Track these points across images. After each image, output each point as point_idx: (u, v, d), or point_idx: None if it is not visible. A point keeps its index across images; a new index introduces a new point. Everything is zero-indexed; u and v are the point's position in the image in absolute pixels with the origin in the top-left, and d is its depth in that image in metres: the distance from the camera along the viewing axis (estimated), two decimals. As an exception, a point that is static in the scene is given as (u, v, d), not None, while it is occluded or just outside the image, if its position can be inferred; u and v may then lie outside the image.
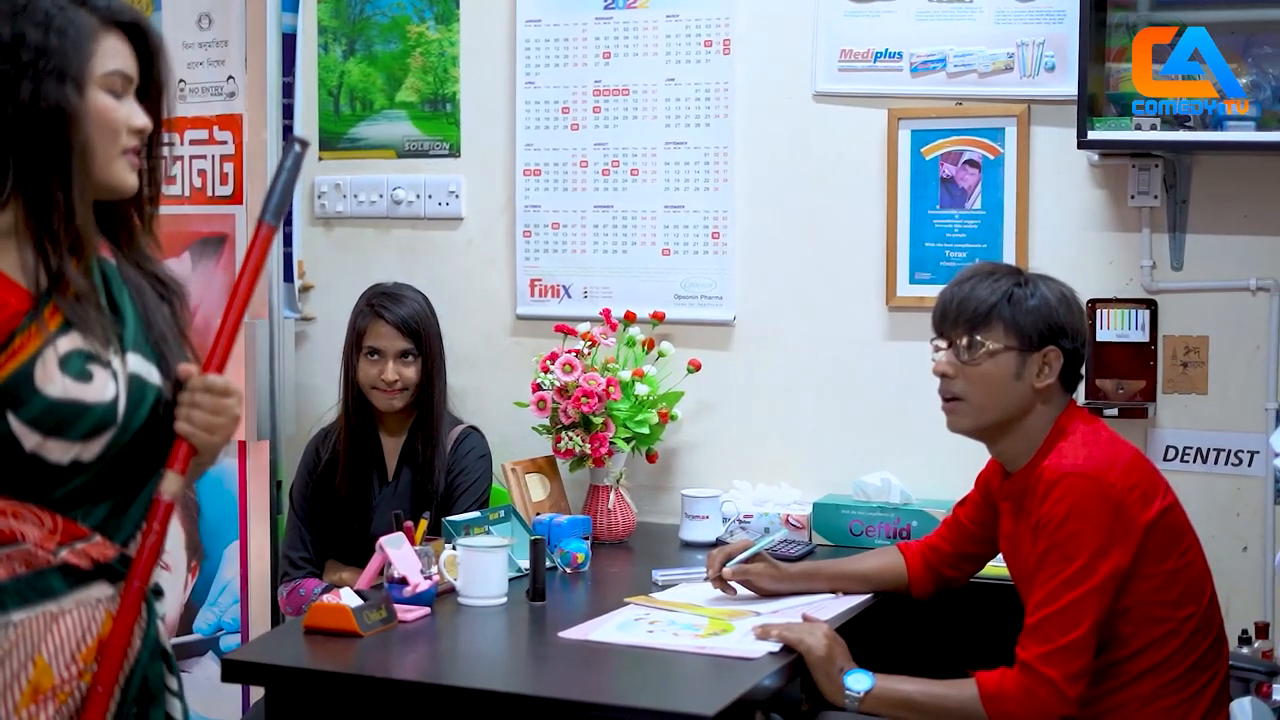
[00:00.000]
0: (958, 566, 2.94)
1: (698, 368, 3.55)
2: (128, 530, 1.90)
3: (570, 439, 3.40)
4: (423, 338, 3.42)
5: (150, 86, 1.94)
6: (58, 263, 1.84)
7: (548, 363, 3.44)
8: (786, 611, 2.80)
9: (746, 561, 2.89)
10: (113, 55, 1.88)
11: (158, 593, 1.99)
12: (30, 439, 1.79)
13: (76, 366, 1.81)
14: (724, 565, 2.88)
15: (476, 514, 3.14)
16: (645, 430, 3.46)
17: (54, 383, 1.79)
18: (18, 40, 1.82)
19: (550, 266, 3.78)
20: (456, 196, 3.86)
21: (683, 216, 3.66)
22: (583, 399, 3.36)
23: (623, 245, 3.72)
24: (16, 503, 1.82)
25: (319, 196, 3.98)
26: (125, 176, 1.91)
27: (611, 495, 3.46)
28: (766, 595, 2.89)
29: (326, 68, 3.95)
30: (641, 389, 3.47)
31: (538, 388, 3.45)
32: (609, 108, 3.71)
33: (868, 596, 2.94)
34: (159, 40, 1.95)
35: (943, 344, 2.69)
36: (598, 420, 3.40)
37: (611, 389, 3.39)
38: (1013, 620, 2.75)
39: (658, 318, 3.62)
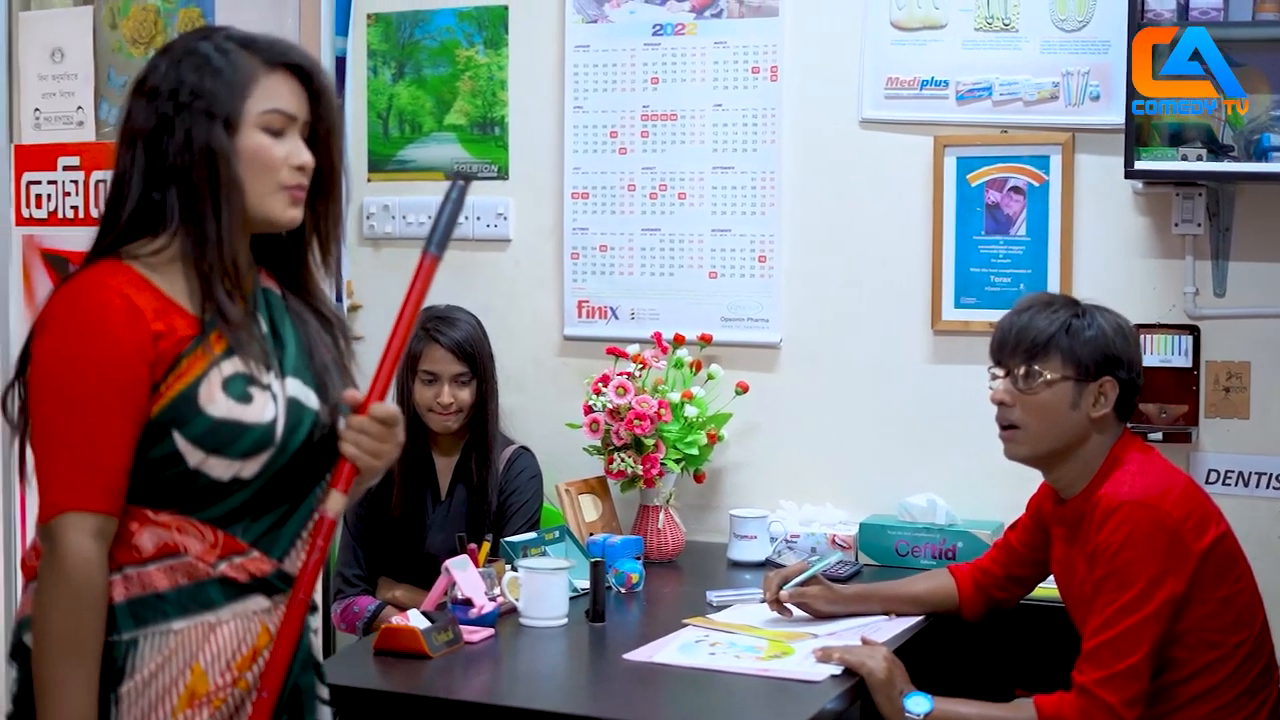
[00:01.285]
0: (1008, 589, 2.99)
1: (746, 390, 3.60)
2: (283, 546, 2.00)
3: (622, 460, 3.45)
4: (477, 361, 3.46)
5: (318, 126, 2.02)
6: (216, 290, 1.94)
7: (600, 385, 3.50)
8: (843, 633, 2.86)
9: (803, 584, 2.95)
10: (273, 95, 1.97)
11: (312, 607, 2.08)
12: (194, 456, 1.90)
13: (238, 389, 1.92)
14: (781, 588, 2.93)
15: (533, 535, 3.19)
16: (694, 451, 3.52)
17: (216, 403, 1.90)
18: (179, 83, 1.95)
19: (598, 288, 3.84)
20: (505, 219, 3.91)
21: (729, 240, 3.72)
22: (635, 421, 3.42)
23: (670, 268, 3.77)
24: (180, 517, 1.93)
25: (367, 217, 4.04)
26: (282, 211, 1.99)
27: (661, 515, 3.52)
28: (822, 617, 2.95)
29: (376, 91, 4.01)
30: (690, 411, 3.52)
31: (590, 409, 3.50)
32: (657, 132, 3.76)
33: (921, 618, 2.99)
34: (326, 81, 2.04)
35: (1000, 373, 2.74)
36: (649, 442, 3.45)
37: (663, 411, 3.44)
38: (1060, 641, 2.82)
39: (705, 340, 3.67)
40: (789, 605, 2.95)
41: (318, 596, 2.12)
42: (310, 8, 3.66)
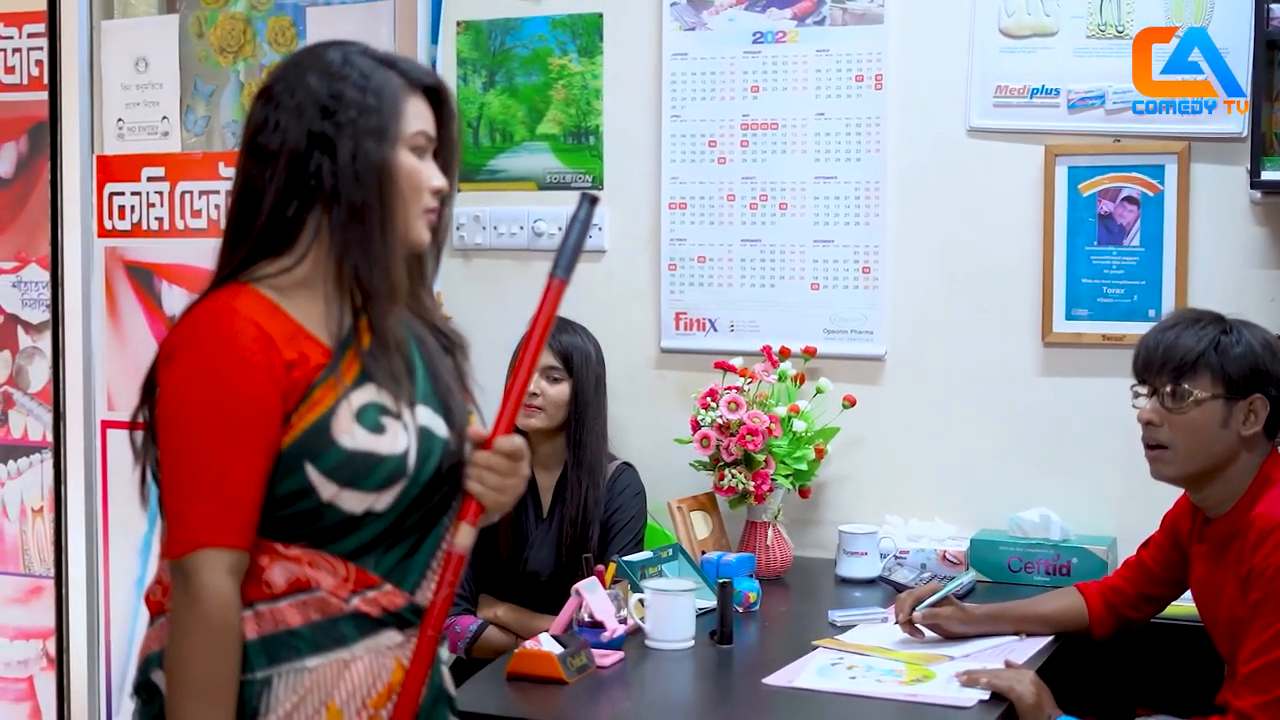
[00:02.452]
0: (1139, 608, 2.94)
1: (853, 403, 3.55)
2: (415, 578, 1.94)
3: (733, 476, 3.40)
4: (573, 361, 3.41)
5: (444, 149, 1.99)
6: (372, 314, 1.89)
7: (708, 399, 3.44)
8: (978, 654, 2.81)
9: (935, 605, 2.89)
10: (417, 117, 1.94)
11: (441, 639, 2.01)
12: (327, 489, 1.85)
13: (371, 419, 1.87)
14: (914, 609, 2.88)
15: (649, 554, 3.14)
16: (803, 466, 3.46)
17: (349, 434, 1.85)
18: (336, 99, 1.89)
19: (696, 300, 3.78)
20: (599, 229, 3.85)
21: (832, 251, 3.66)
22: (748, 437, 3.36)
23: (770, 279, 3.72)
24: (313, 551, 1.88)
25: (458, 228, 3.98)
26: (424, 234, 1.97)
27: (770, 531, 3.46)
28: (953, 638, 2.90)
29: (466, 99, 3.95)
30: (799, 425, 3.47)
31: (698, 425, 3.44)
32: (757, 141, 3.71)
33: (1052, 639, 2.94)
34: (455, 103, 2.02)
35: (1144, 390, 2.68)
36: (760, 457, 3.40)
37: (774, 426, 3.39)
38: (1182, 660, 2.76)
39: (809, 353, 3.61)
40: (920, 626, 2.90)
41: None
42: (405, 15, 3.64)
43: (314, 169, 1.88)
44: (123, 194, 3.97)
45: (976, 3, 3.51)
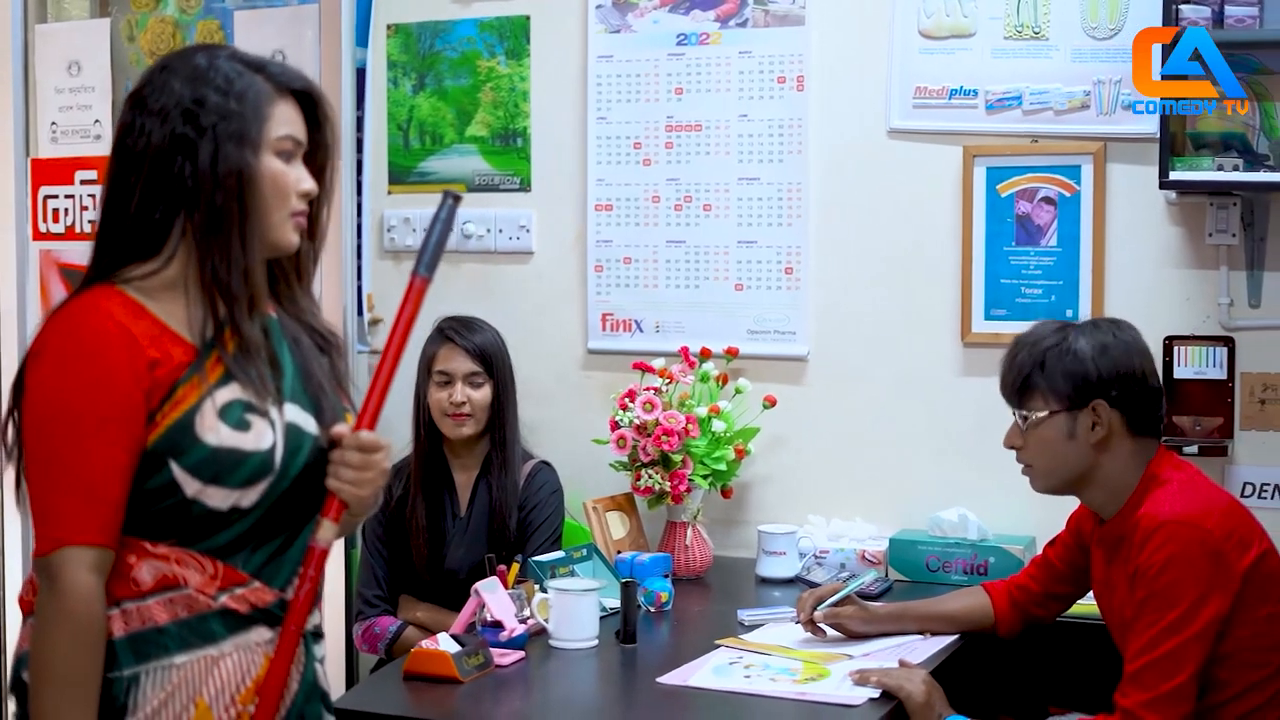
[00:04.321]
0: (1046, 605, 2.95)
1: (774, 403, 3.56)
2: (285, 575, 1.96)
3: (650, 476, 3.41)
4: (493, 364, 3.42)
5: (317, 151, 2.00)
6: (230, 316, 1.91)
7: (626, 400, 3.46)
8: (878, 654, 2.82)
9: (837, 604, 2.90)
10: (285, 121, 1.96)
11: (317, 635, 2.05)
12: (191, 486, 1.87)
13: (235, 416, 1.89)
14: (815, 608, 2.89)
15: (561, 554, 3.15)
16: (722, 467, 3.48)
17: (214, 431, 1.87)
18: (199, 104, 1.90)
19: (622, 301, 3.80)
20: (527, 231, 3.87)
21: (756, 252, 3.68)
22: (663, 437, 3.38)
23: (695, 280, 3.73)
24: (179, 549, 1.89)
25: (388, 230, 4.00)
26: (291, 237, 1.98)
27: (689, 531, 3.48)
28: (856, 637, 2.91)
29: (396, 102, 3.97)
30: (718, 425, 3.48)
31: (616, 425, 3.46)
32: (681, 143, 3.72)
33: (955, 638, 2.95)
34: (329, 107, 2.03)
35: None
36: (677, 458, 3.41)
37: (690, 427, 3.40)
38: (1092, 658, 2.78)
39: (731, 353, 3.63)
40: (823, 625, 2.91)
41: (326, 624, 2.10)
42: (330, 19, 3.63)
43: (177, 172, 1.89)
44: (57, 197, 3.98)
45: (896, 4, 3.52)
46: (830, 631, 2.92)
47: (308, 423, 1.97)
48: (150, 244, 1.92)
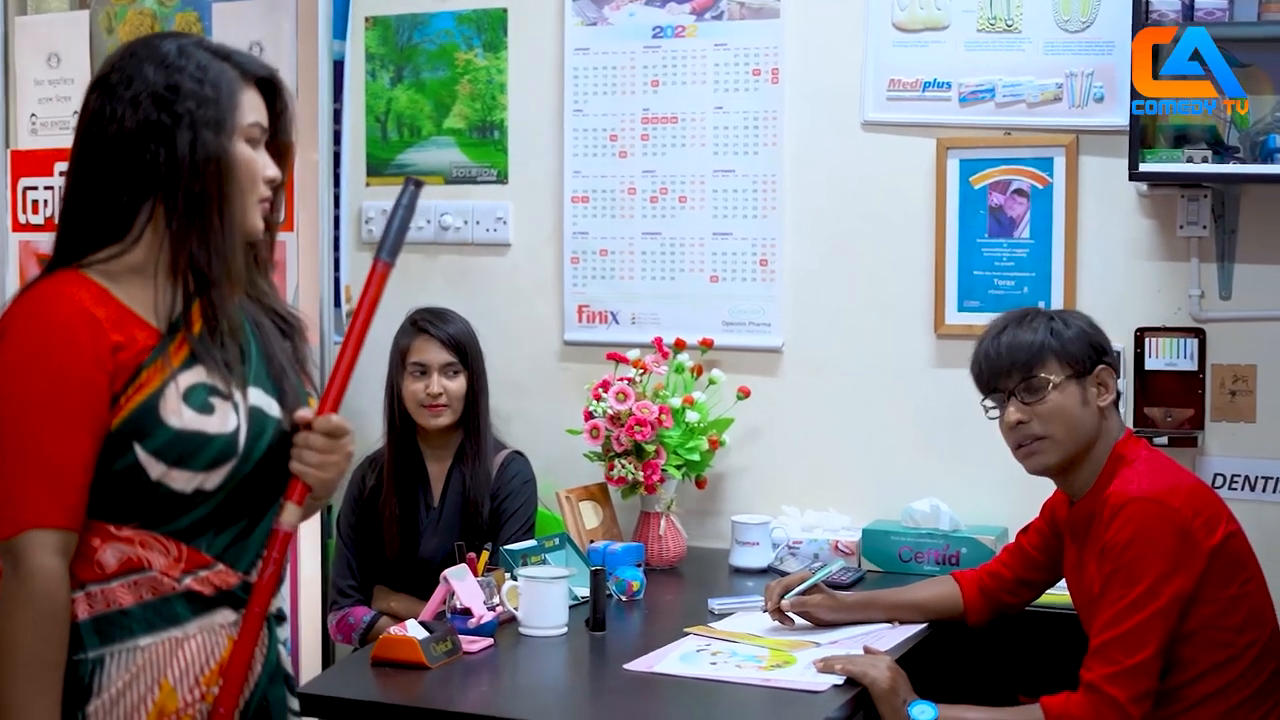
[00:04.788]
0: (1016, 593, 2.97)
1: (747, 394, 3.57)
2: (249, 558, 1.98)
3: (623, 466, 3.42)
4: (467, 354, 3.43)
5: (278, 140, 2.03)
6: (210, 301, 1.93)
7: (600, 390, 3.47)
8: (845, 642, 2.83)
9: (804, 593, 2.92)
10: (252, 108, 1.98)
11: (280, 618, 2.07)
12: (155, 468, 1.88)
13: (199, 399, 1.91)
14: (782, 597, 2.91)
15: (533, 543, 3.16)
16: (696, 457, 3.49)
17: (177, 414, 1.89)
18: (173, 90, 1.91)
19: (598, 293, 3.81)
20: (504, 223, 3.89)
21: (731, 244, 3.69)
22: (636, 427, 3.39)
23: (671, 272, 3.75)
24: (144, 532, 1.91)
25: (366, 222, 4.01)
26: (258, 223, 2.00)
27: (663, 521, 3.49)
28: (824, 626, 2.92)
29: (374, 94, 3.98)
30: (692, 416, 3.49)
31: (590, 415, 3.47)
32: (657, 135, 3.74)
33: (924, 626, 2.97)
34: (290, 95, 2.05)
35: (994, 400, 2.73)
36: (650, 448, 3.42)
37: (664, 417, 3.42)
38: (1063, 647, 2.79)
39: (706, 344, 3.64)
40: (791, 614, 2.92)
41: (287, 607, 2.12)
42: (308, 11, 3.66)
43: (150, 159, 1.90)
44: (36, 188, 4.00)
45: (869, -4, 3.54)
46: (799, 620, 2.93)
47: (271, 406, 1.99)
48: (116, 228, 1.93)
